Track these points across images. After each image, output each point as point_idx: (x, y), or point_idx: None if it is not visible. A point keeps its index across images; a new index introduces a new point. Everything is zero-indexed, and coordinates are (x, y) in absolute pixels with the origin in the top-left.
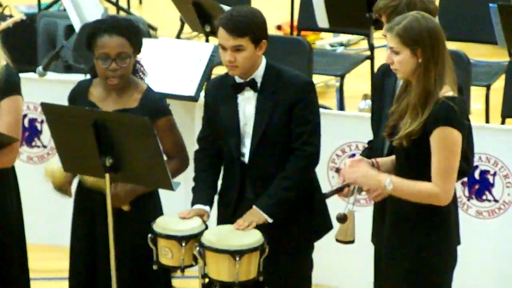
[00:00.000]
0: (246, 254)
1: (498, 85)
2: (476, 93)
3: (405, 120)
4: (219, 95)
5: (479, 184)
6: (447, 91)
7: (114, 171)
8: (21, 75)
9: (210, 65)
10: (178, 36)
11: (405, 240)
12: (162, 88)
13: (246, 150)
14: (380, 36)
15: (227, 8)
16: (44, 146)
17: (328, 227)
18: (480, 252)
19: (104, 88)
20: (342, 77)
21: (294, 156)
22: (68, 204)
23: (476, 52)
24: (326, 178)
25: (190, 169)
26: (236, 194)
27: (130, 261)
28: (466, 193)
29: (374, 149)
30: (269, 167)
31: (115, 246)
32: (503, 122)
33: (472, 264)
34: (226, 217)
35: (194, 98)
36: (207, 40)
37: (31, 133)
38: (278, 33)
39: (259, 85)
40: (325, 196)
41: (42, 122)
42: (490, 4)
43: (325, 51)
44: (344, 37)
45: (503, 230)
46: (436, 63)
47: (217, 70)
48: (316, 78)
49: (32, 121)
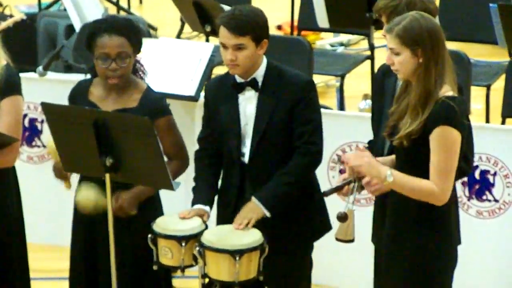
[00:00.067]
0: (246, 254)
1: (498, 85)
2: (476, 93)
3: (405, 120)
4: (219, 95)
5: (479, 184)
6: (447, 90)
7: (114, 171)
8: (21, 75)
9: (210, 65)
10: (179, 36)
11: (405, 240)
12: (162, 88)
13: (247, 150)
14: (380, 36)
15: (227, 8)
16: (44, 146)
17: (327, 228)
18: (480, 252)
19: (104, 88)
20: (342, 77)
21: (297, 153)
22: (69, 204)
23: (476, 52)
24: (326, 178)
25: (191, 169)
26: (235, 194)
27: (131, 261)
28: (467, 193)
29: (374, 149)
30: (269, 168)
31: (115, 246)
32: (503, 122)
33: (472, 264)
34: (226, 217)
35: (194, 98)
36: (207, 40)
37: (31, 133)
38: (278, 33)
39: (260, 84)
40: (325, 194)
41: (42, 122)
42: (490, 4)
43: (325, 51)
44: (344, 37)
45: (503, 230)
46: (437, 63)
47: (217, 70)
48: (316, 78)
49: (32, 121)
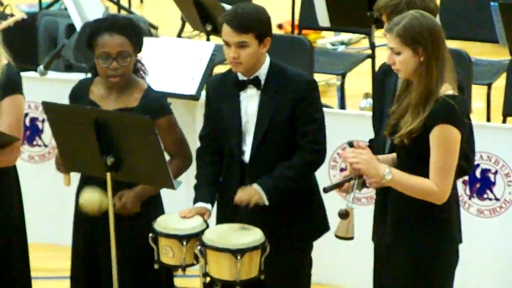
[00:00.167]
0: (247, 253)
1: (499, 84)
2: (477, 92)
3: (406, 118)
4: (221, 92)
5: (480, 183)
6: (447, 89)
7: (115, 170)
8: (22, 74)
9: (211, 64)
10: (179, 35)
11: (406, 239)
12: (163, 87)
13: (247, 148)
14: (381, 35)
15: (228, 7)
16: (45, 145)
17: (326, 228)
18: (481, 251)
19: (105, 87)
20: (343, 75)
21: (300, 150)
22: (69, 203)
23: (477, 51)
24: (327, 177)
25: (191, 168)
26: (235, 191)
27: (132, 260)
28: (468, 192)
29: (375, 148)
30: (269, 167)
31: (116, 245)
32: (504, 121)
33: (473, 263)
34: (226, 216)
35: (195, 97)
36: (208, 39)
37: (32, 132)
38: (279, 32)
39: (262, 83)
40: (325, 190)
41: (43, 121)
42: (491, 3)
43: (326, 50)
44: (345, 36)
45: (504, 228)
46: (437, 61)
47: (218, 69)
48: (317, 77)
49: (33, 120)
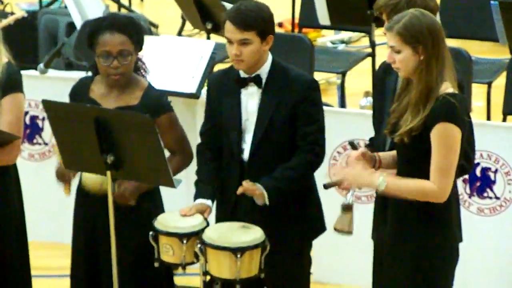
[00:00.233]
0: (248, 251)
1: (500, 82)
2: (477, 90)
3: (406, 117)
4: (222, 88)
5: (481, 181)
6: (447, 87)
7: (115, 168)
8: (22, 72)
9: (211, 62)
10: (180, 34)
11: (406, 238)
12: (163, 85)
13: (246, 146)
14: (381, 33)
15: (228, 5)
16: (46, 144)
17: (322, 229)
18: (481, 250)
19: (106, 85)
20: (343, 74)
21: (300, 151)
22: (69, 202)
23: (477, 49)
24: (328, 176)
25: (192, 166)
26: (235, 191)
27: (132, 258)
28: (468, 190)
29: (375, 146)
30: (268, 166)
31: (117, 243)
32: (504, 119)
33: (473, 262)
34: (225, 214)
35: (195, 95)
36: (208, 38)
37: (32, 131)
38: (279, 30)
39: (264, 81)
40: (325, 187)
41: (43, 119)
42: (491, 1)
43: (326, 48)
44: (345, 34)
45: (504, 227)
46: (437, 60)
47: (218, 68)
48: (317, 75)
49: (33, 118)
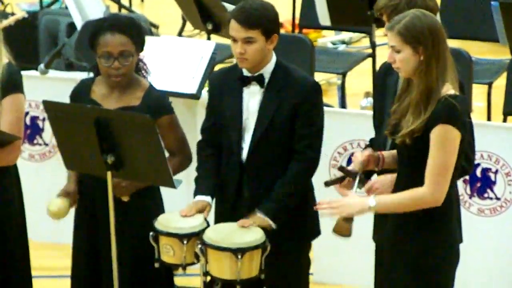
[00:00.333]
0: (248, 252)
1: (500, 83)
2: (478, 91)
3: (407, 117)
4: (224, 86)
5: (481, 182)
6: (449, 89)
7: (115, 168)
8: (23, 73)
9: (212, 63)
10: (180, 34)
11: (407, 238)
12: (164, 86)
13: (246, 145)
14: (381, 34)
15: (228, 6)
16: (46, 144)
17: (316, 233)
18: (481, 250)
19: (107, 86)
20: (344, 75)
21: (295, 161)
22: None
23: (478, 50)
24: (328, 176)
25: (192, 166)
26: (234, 189)
27: (132, 259)
28: (468, 191)
29: (375, 147)
30: (266, 165)
31: (117, 243)
32: (504, 120)
33: (473, 262)
34: (224, 213)
35: (196, 96)
36: (208, 38)
37: (32, 131)
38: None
39: (266, 81)
40: (326, 184)
41: (44, 120)
42: (492, 2)
43: (327, 49)
44: (345, 35)
45: (505, 228)
46: (438, 61)
47: (218, 68)
48: (318, 76)
49: (34, 119)
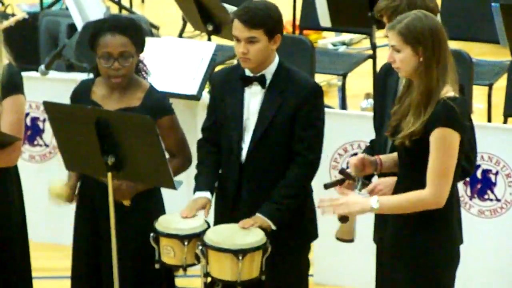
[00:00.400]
0: (249, 254)
1: (500, 84)
2: (478, 92)
3: (408, 119)
4: (226, 85)
5: (481, 183)
6: (449, 91)
7: (116, 169)
8: (23, 74)
9: (212, 64)
10: (180, 35)
11: (407, 240)
12: (164, 87)
13: (245, 146)
14: (382, 35)
15: (229, 7)
16: (46, 145)
17: (314, 236)
18: (482, 251)
19: (107, 87)
20: (344, 76)
21: (295, 163)
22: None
23: (478, 51)
24: (328, 177)
25: (192, 168)
26: (234, 189)
27: (133, 260)
28: (468, 192)
29: (376, 148)
30: (265, 166)
31: (118, 245)
32: (505, 121)
33: (474, 263)
34: (224, 213)
35: (196, 97)
36: (209, 39)
37: (33, 132)
38: None
39: (268, 82)
40: (326, 187)
41: (44, 121)
42: (492, 3)
43: (327, 50)
44: (346, 36)
45: (505, 229)
46: (438, 62)
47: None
48: (318, 77)
49: (34, 120)
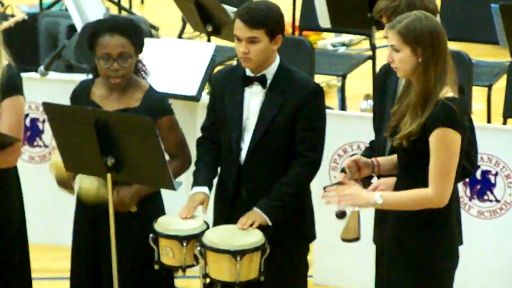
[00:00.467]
0: (247, 254)
1: (500, 85)
2: (478, 93)
3: (406, 119)
4: (226, 85)
5: (481, 184)
6: (447, 92)
7: (115, 170)
8: (22, 74)
9: (212, 65)
10: (180, 36)
11: (407, 241)
12: (164, 88)
13: (245, 146)
14: (381, 36)
15: (229, 8)
16: (46, 146)
17: (312, 237)
18: (481, 252)
19: (106, 88)
20: (344, 77)
21: (296, 162)
22: (70, 204)
23: (478, 52)
24: (328, 178)
25: (192, 168)
26: (233, 189)
27: (132, 261)
28: (468, 193)
29: (375, 149)
30: (265, 167)
31: (117, 246)
32: (504, 122)
33: (473, 264)
34: (223, 212)
35: (196, 98)
36: (208, 40)
37: (32, 133)
38: None
39: (268, 82)
40: (325, 189)
41: (43, 121)
42: (492, 4)
43: (327, 51)
44: (346, 37)
45: (505, 230)
46: (437, 63)
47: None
48: (318, 78)
49: (34, 120)
